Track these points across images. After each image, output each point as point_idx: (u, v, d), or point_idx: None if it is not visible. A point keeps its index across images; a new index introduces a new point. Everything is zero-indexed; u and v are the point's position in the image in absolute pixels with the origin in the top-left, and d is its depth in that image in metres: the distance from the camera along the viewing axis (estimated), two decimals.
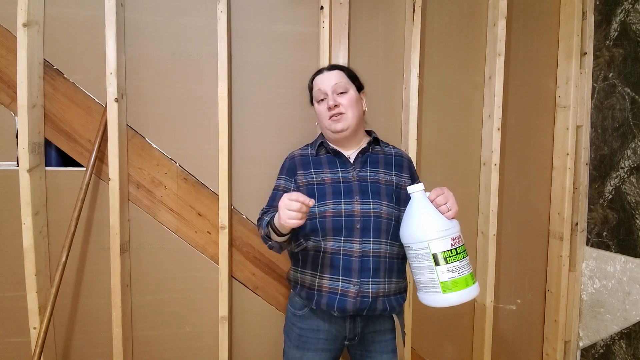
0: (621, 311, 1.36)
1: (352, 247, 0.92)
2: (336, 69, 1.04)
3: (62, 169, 1.28)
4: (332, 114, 0.98)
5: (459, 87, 1.48)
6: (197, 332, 1.37)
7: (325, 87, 1.00)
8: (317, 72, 1.07)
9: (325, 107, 1.00)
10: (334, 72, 1.02)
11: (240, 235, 1.38)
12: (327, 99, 0.99)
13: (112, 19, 1.20)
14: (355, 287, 0.91)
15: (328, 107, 0.98)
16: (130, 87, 1.29)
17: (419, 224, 0.82)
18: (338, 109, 0.98)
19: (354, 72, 1.07)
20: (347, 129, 0.99)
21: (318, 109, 1.04)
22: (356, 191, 0.96)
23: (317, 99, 1.03)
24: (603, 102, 1.45)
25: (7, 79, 1.22)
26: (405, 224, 0.85)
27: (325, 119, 1.00)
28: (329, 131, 1.02)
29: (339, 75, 1.02)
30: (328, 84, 1.00)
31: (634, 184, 1.33)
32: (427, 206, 0.82)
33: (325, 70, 1.05)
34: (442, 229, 0.79)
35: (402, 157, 1.06)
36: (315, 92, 1.03)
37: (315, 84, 1.04)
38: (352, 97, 1.00)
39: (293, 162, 1.07)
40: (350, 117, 0.98)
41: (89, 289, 1.31)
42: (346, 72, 1.04)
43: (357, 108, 1.01)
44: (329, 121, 0.99)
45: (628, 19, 1.35)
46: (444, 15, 1.46)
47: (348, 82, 1.02)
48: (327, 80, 1.01)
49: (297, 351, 1.00)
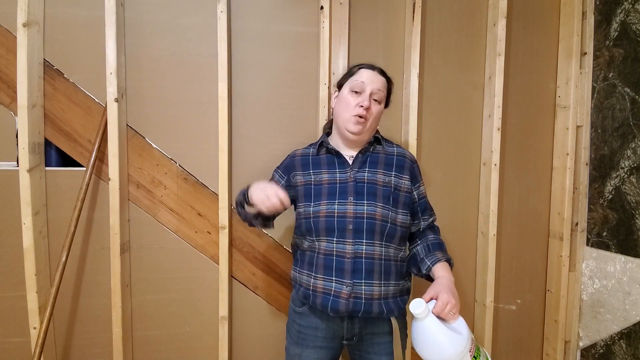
0: (621, 311, 1.36)
1: (344, 248, 0.92)
2: (385, 77, 1.02)
3: (62, 169, 1.28)
4: (359, 114, 0.95)
5: (459, 87, 1.48)
6: (197, 332, 1.37)
7: (369, 85, 0.97)
8: (369, 66, 1.01)
9: (356, 100, 0.96)
10: (383, 79, 1.00)
11: (240, 235, 1.38)
12: (362, 95, 0.96)
13: (112, 19, 1.20)
14: (348, 288, 0.90)
15: (360, 104, 0.95)
16: (130, 87, 1.29)
17: (435, 354, 0.77)
18: (366, 114, 0.95)
19: (392, 89, 1.05)
20: (360, 135, 0.97)
21: (347, 98, 0.98)
22: (351, 192, 0.95)
23: (353, 88, 0.98)
24: (603, 102, 1.45)
25: (7, 79, 1.22)
26: (420, 350, 0.81)
27: (349, 112, 0.96)
28: (343, 126, 0.98)
29: (384, 84, 1.00)
30: (373, 85, 0.97)
31: (634, 184, 1.33)
32: (437, 330, 0.77)
33: (377, 70, 1.00)
34: (460, 350, 0.76)
35: (404, 157, 1.03)
36: (356, 81, 0.98)
37: (360, 75, 0.99)
38: (380, 111, 1.00)
39: (292, 160, 1.07)
40: (369, 127, 0.97)
41: (89, 289, 1.31)
42: (389, 86, 1.03)
43: (377, 122, 1.01)
44: (351, 117, 0.96)
45: (628, 19, 1.35)
46: (444, 15, 1.46)
47: (385, 96, 1.01)
48: (374, 81, 0.98)
49: (297, 347, 1.01)
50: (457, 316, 0.80)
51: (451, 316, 0.79)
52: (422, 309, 0.77)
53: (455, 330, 0.78)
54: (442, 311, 0.79)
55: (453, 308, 0.80)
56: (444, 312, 0.79)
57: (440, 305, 0.79)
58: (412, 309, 0.78)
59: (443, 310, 0.79)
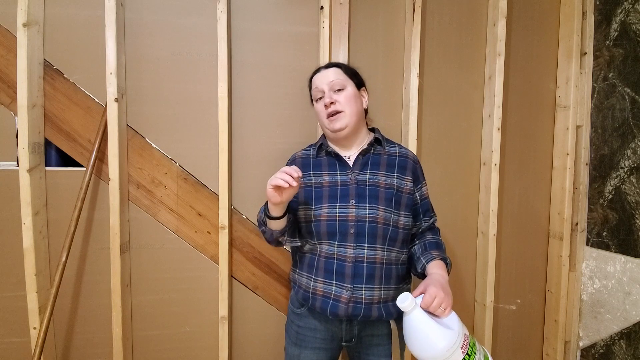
0: (621, 311, 1.36)
1: (345, 252, 0.91)
2: (333, 66, 1.01)
3: (62, 169, 1.28)
4: (330, 112, 0.96)
5: (459, 87, 1.48)
6: (197, 332, 1.37)
7: (322, 84, 0.98)
8: (315, 71, 1.04)
9: (322, 104, 0.98)
10: (331, 70, 1.00)
11: (240, 235, 1.38)
12: (324, 97, 0.97)
13: (112, 18, 1.20)
14: (348, 292, 0.90)
15: (324, 104, 0.97)
16: (130, 87, 1.29)
17: (425, 349, 0.76)
18: (335, 107, 0.95)
19: (353, 68, 1.04)
20: (346, 127, 0.96)
21: (317, 108, 1.01)
22: (353, 195, 0.93)
23: (315, 98, 1.01)
24: (603, 102, 1.45)
25: (7, 79, 1.22)
26: (410, 345, 0.79)
27: (324, 118, 0.98)
28: (328, 130, 1.00)
29: (336, 72, 0.99)
30: (325, 82, 0.98)
31: (634, 184, 1.33)
32: (425, 324, 0.76)
33: (322, 69, 1.02)
34: (449, 346, 0.74)
35: (406, 157, 1.01)
36: (314, 91, 1.01)
37: (313, 83, 1.02)
38: (350, 93, 0.97)
39: (294, 163, 1.06)
40: (349, 114, 0.95)
41: (89, 289, 1.31)
42: (344, 69, 1.01)
43: (356, 105, 0.97)
44: (327, 120, 0.97)
45: (628, 19, 1.35)
46: (444, 15, 1.46)
47: (346, 79, 0.99)
48: (323, 77, 0.99)
49: (296, 348, 1.01)
50: (448, 311, 0.78)
51: (441, 311, 0.78)
52: (408, 302, 0.77)
53: (445, 325, 0.77)
54: (429, 305, 0.77)
55: (442, 302, 0.78)
56: (432, 306, 0.77)
57: (428, 299, 0.77)
58: (398, 302, 0.78)
59: (431, 304, 0.77)
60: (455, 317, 0.80)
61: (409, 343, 0.79)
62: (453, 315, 0.80)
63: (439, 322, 0.77)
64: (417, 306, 0.78)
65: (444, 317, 0.78)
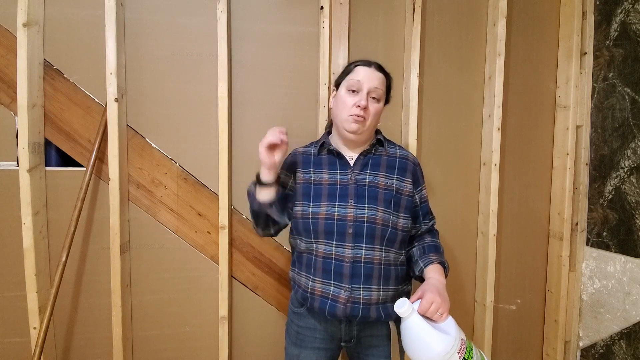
0: (621, 311, 1.36)
1: (343, 252, 0.91)
2: (383, 73, 0.98)
3: (62, 169, 1.28)
4: (357, 114, 0.92)
5: (459, 87, 1.48)
6: (197, 332, 1.37)
7: (365, 83, 0.94)
8: (365, 63, 0.98)
9: (354, 100, 0.94)
10: (380, 75, 0.97)
11: (240, 235, 1.38)
12: (359, 94, 0.94)
13: (112, 18, 1.20)
14: (346, 293, 0.89)
15: (357, 104, 0.92)
16: (130, 87, 1.29)
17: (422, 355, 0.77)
18: (364, 113, 0.92)
19: (391, 84, 1.02)
20: (360, 134, 0.95)
21: (344, 98, 0.95)
22: (352, 195, 0.93)
23: (349, 87, 0.95)
24: (603, 102, 1.45)
25: (7, 79, 1.22)
26: (408, 350, 0.80)
27: (347, 112, 0.94)
28: (342, 125, 0.96)
29: (382, 81, 0.97)
30: (370, 84, 0.94)
31: (634, 184, 1.33)
32: (422, 329, 0.77)
33: (373, 66, 0.97)
34: (446, 351, 0.75)
35: (407, 160, 1.00)
36: (352, 80, 0.95)
37: (356, 73, 0.96)
38: (379, 109, 0.97)
39: (294, 158, 1.05)
40: (368, 125, 0.95)
41: (89, 289, 1.31)
42: (387, 82, 0.99)
43: (376, 120, 0.98)
44: (349, 117, 0.93)
45: (628, 19, 1.35)
46: (444, 15, 1.46)
47: (384, 93, 0.98)
48: (371, 79, 0.95)
49: (296, 348, 1.01)
50: (445, 316, 0.79)
51: (438, 316, 0.78)
52: (405, 308, 0.77)
53: (442, 330, 0.77)
54: (426, 310, 0.78)
55: (439, 308, 0.78)
56: (429, 312, 0.78)
57: (425, 304, 0.78)
58: (396, 307, 0.78)
59: (428, 309, 0.78)
60: (452, 322, 0.80)
61: (406, 348, 0.80)
62: (450, 320, 0.80)
63: (436, 327, 0.78)
64: (414, 312, 0.78)
65: (441, 322, 0.79)
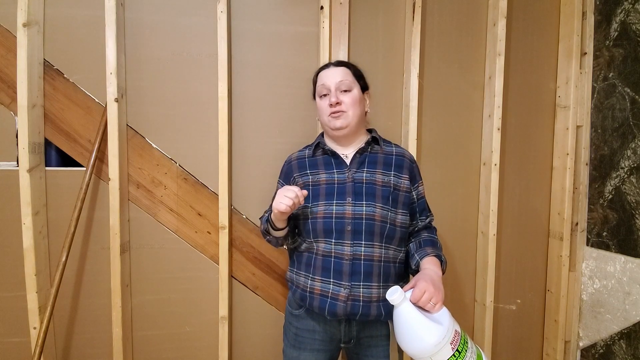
0: (621, 311, 1.36)
1: (342, 250, 0.91)
2: (343, 65, 1.02)
3: (62, 169, 1.28)
4: (333, 111, 0.97)
5: (459, 87, 1.48)
6: (197, 332, 1.37)
7: (330, 83, 0.98)
8: (323, 67, 1.04)
9: (327, 103, 0.98)
10: (340, 69, 1.01)
11: (240, 235, 1.38)
12: (329, 95, 0.98)
13: (112, 18, 1.20)
14: (346, 290, 0.89)
15: (330, 103, 0.97)
16: (130, 87, 1.29)
17: (413, 344, 0.76)
18: (339, 107, 0.96)
19: (360, 71, 1.05)
20: (347, 127, 0.97)
21: (320, 104, 1.01)
22: (349, 192, 0.94)
23: (319, 94, 1.01)
24: (603, 102, 1.45)
25: (7, 79, 1.22)
26: (399, 340, 0.79)
27: (326, 114, 0.99)
28: (327, 127, 1.01)
29: (344, 72, 1.00)
30: (333, 80, 0.98)
31: (634, 184, 1.33)
32: (414, 318, 0.76)
33: (331, 66, 1.02)
34: (438, 341, 0.73)
35: (403, 156, 1.02)
36: (319, 86, 1.02)
37: (320, 79, 1.02)
38: (355, 96, 0.99)
39: (290, 166, 1.07)
40: (351, 116, 0.97)
41: (89, 289, 1.31)
42: (352, 70, 1.02)
43: (359, 108, 0.99)
44: (329, 117, 0.98)
45: (628, 19, 1.35)
46: (444, 15, 1.46)
47: (353, 81, 1.00)
48: (332, 76, 0.99)
49: (294, 350, 1.00)
50: (438, 307, 0.78)
51: (431, 306, 0.77)
52: (397, 295, 0.76)
53: (435, 320, 0.76)
54: (418, 299, 0.77)
55: (432, 297, 0.77)
56: (422, 301, 0.77)
57: (417, 293, 0.77)
58: (388, 295, 0.78)
59: (420, 298, 0.77)
60: (447, 313, 0.79)
61: (397, 337, 0.79)
62: (444, 311, 0.79)
63: (429, 317, 0.77)
64: (406, 299, 0.77)
65: (435, 312, 0.78)
